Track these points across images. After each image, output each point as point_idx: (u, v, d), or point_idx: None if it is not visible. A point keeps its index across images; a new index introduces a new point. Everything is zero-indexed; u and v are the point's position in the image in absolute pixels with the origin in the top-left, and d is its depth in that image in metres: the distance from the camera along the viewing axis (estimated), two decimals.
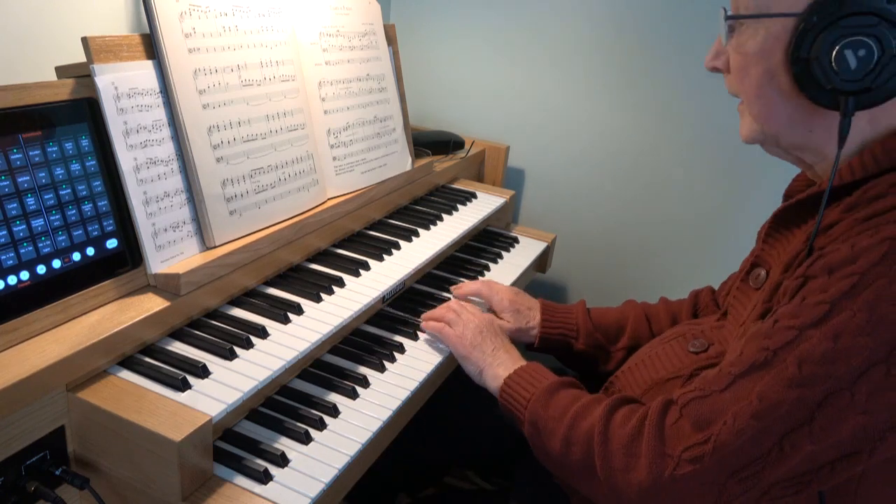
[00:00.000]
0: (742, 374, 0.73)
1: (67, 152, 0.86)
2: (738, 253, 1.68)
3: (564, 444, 0.85)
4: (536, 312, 1.20)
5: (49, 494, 0.78)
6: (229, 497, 0.81)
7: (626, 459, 0.78)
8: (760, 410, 0.70)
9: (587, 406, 0.86)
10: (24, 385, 0.74)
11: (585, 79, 1.75)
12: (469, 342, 1.06)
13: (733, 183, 1.67)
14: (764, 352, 0.72)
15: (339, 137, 1.29)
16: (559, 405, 0.88)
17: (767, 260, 0.88)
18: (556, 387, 0.92)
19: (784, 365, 0.70)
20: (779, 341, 0.71)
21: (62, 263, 0.85)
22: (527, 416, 0.91)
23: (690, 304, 1.18)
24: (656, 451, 0.75)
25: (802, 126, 0.79)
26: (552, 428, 0.87)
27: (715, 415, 0.73)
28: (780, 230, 0.87)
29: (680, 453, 0.74)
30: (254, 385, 0.87)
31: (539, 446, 0.90)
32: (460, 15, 1.84)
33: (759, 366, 0.72)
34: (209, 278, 0.99)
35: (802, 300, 0.72)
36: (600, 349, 1.17)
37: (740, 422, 0.71)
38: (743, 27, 0.79)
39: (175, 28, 0.98)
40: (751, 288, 0.89)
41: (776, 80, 0.78)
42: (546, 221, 1.89)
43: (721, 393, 0.74)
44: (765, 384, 0.71)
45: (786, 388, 0.69)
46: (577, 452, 0.83)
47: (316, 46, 1.25)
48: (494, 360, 1.02)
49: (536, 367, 0.97)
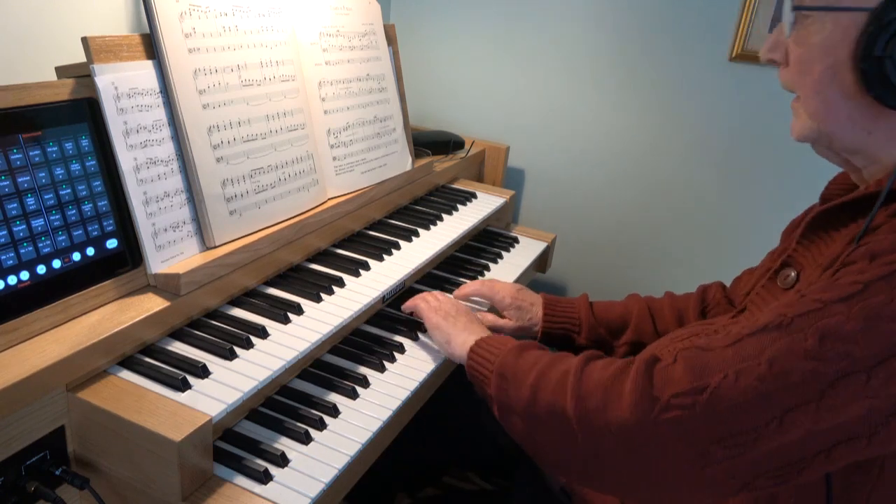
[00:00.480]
0: (751, 334, 0.70)
1: (67, 152, 0.86)
2: (739, 252, 1.69)
3: (532, 390, 0.82)
4: (539, 308, 1.20)
5: (49, 494, 0.78)
6: (229, 497, 0.81)
7: (604, 398, 0.75)
8: (768, 375, 0.67)
9: (561, 357, 0.85)
10: (24, 385, 0.74)
11: (586, 78, 1.75)
12: (443, 313, 1.08)
13: (734, 182, 1.67)
14: (780, 317, 0.69)
15: (339, 137, 1.29)
16: (530, 357, 0.87)
17: (800, 261, 0.85)
18: (528, 345, 0.91)
19: (802, 334, 0.67)
20: (799, 309, 0.69)
21: (62, 263, 0.85)
22: (495, 369, 0.89)
23: (698, 300, 1.16)
24: (642, 391, 0.72)
25: (861, 127, 0.76)
26: (521, 377, 0.85)
27: (715, 366, 0.70)
28: (818, 232, 0.84)
29: (669, 397, 0.71)
30: (254, 385, 0.87)
31: (504, 400, 0.87)
32: (460, 15, 1.84)
33: (773, 328, 0.69)
34: (209, 278, 0.99)
35: (835, 280, 0.69)
36: (603, 344, 1.16)
37: (744, 380, 0.68)
38: (808, 19, 0.75)
39: (175, 28, 0.98)
40: (779, 288, 0.86)
41: (839, 78, 0.74)
42: (546, 221, 1.89)
43: (725, 348, 0.71)
44: (777, 349, 0.68)
45: (801, 358, 0.66)
46: (546, 396, 0.80)
47: (316, 46, 1.25)
48: (465, 329, 1.03)
49: (505, 336, 0.97)
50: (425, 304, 1.12)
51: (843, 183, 0.90)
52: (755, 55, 1.54)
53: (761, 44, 1.52)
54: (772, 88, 1.55)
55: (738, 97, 1.60)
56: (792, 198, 1.61)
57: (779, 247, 1.02)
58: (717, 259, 1.73)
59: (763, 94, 1.57)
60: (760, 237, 1.67)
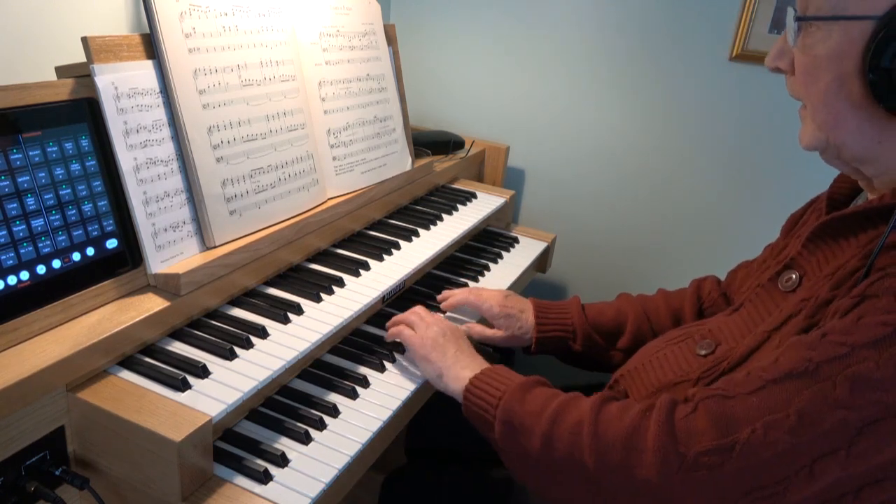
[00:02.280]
0: (776, 381, 0.68)
1: (67, 152, 0.86)
2: (739, 251, 1.68)
3: (545, 441, 0.79)
4: (529, 314, 1.15)
5: (49, 494, 0.78)
6: (229, 497, 0.81)
7: (625, 454, 0.73)
8: (798, 427, 0.65)
9: (570, 401, 0.81)
10: (24, 385, 0.74)
11: (586, 79, 1.75)
12: (430, 343, 1.01)
13: (734, 182, 1.67)
14: (805, 362, 0.67)
15: (339, 137, 1.29)
16: (536, 401, 0.83)
17: (804, 266, 0.82)
18: (531, 384, 0.87)
19: (830, 382, 0.65)
20: (825, 354, 0.66)
21: (62, 263, 0.85)
22: (498, 415, 0.85)
23: (693, 296, 1.14)
24: (666, 447, 0.70)
25: (870, 137, 0.74)
26: (530, 424, 0.81)
27: (741, 419, 0.68)
28: (826, 238, 0.81)
29: (696, 454, 0.68)
30: (254, 385, 0.87)
31: (513, 448, 0.84)
32: (460, 15, 1.84)
33: (798, 375, 0.67)
34: (209, 278, 0.99)
35: (859, 318, 0.67)
36: (598, 350, 1.14)
37: (773, 434, 0.66)
38: (813, 28, 0.73)
39: (175, 28, 0.97)
40: (778, 290, 0.84)
41: (847, 87, 0.72)
42: (546, 221, 1.89)
43: (748, 396, 0.69)
44: (806, 399, 0.66)
45: (831, 407, 0.64)
46: (562, 449, 0.77)
47: (316, 46, 1.25)
48: (456, 362, 0.97)
49: (502, 369, 0.92)
50: (410, 332, 1.05)
51: (847, 183, 0.88)
52: (755, 55, 1.54)
53: (761, 44, 1.54)
54: (772, 88, 1.56)
55: (738, 97, 1.60)
56: (792, 198, 1.60)
57: (778, 242, 1.00)
58: (717, 258, 1.73)
59: (763, 95, 1.57)
60: (760, 237, 1.66)
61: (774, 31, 1.51)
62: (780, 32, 1.51)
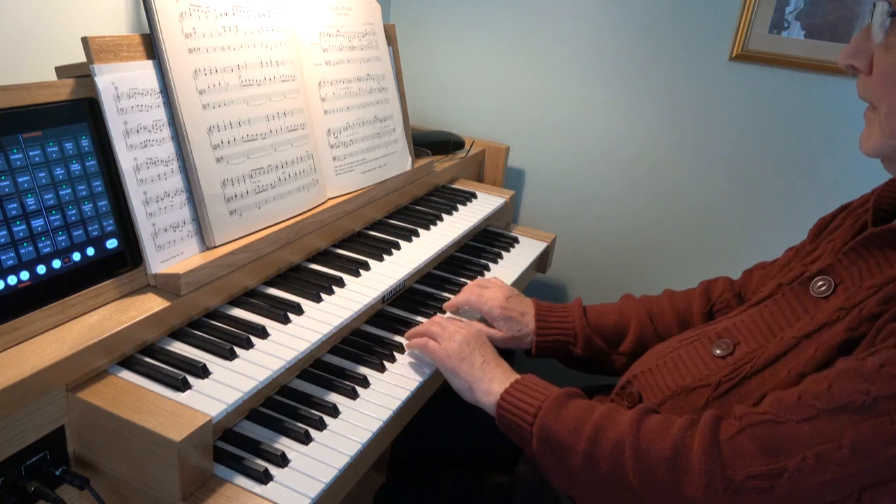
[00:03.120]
0: (830, 412, 0.67)
1: (67, 152, 0.86)
2: (739, 251, 1.69)
3: (587, 458, 0.79)
4: (531, 317, 1.14)
5: (49, 494, 0.78)
6: (229, 497, 0.81)
7: (671, 474, 0.72)
8: (850, 459, 0.65)
9: (607, 416, 0.80)
10: (24, 385, 0.74)
11: (585, 78, 1.75)
12: (456, 355, 0.99)
13: (734, 182, 1.67)
14: (862, 395, 0.66)
15: (339, 137, 1.29)
16: (573, 417, 0.82)
17: (842, 274, 0.80)
18: (564, 398, 0.86)
19: (888, 418, 0.65)
20: (883, 390, 0.65)
21: (62, 263, 0.85)
22: (535, 432, 0.84)
23: (702, 298, 1.12)
24: (713, 469, 0.70)
25: None
26: (570, 443, 0.81)
27: (792, 446, 0.68)
28: (871, 249, 0.78)
29: (744, 478, 0.68)
30: (254, 385, 0.87)
31: (553, 464, 0.83)
32: (461, 15, 1.84)
33: (854, 409, 0.66)
34: (209, 278, 0.99)
35: None
36: (600, 354, 1.13)
37: (823, 465, 0.66)
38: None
39: (175, 28, 0.98)
40: (809, 295, 0.82)
41: None
42: (546, 221, 1.89)
43: (800, 424, 0.68)
44: (860, 434, 0.65)
45: (886, 443, 0.64)
46: (605, 467, 0.77)
47: (316, 46, 1.25)
48: (485, 374, 0.96)
49: (533, 380, 0.92)
50: (434, 344, 1.04)
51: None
52: (755, 55, 1.54)
53: (761, 44, 1.54)
54: (772, 89, 1.56)
55: (738, 97, 1.60)
56: (792, 198, 1.61)
57: (804, 245, 0.97)
58: (717, 258, 1.73)
59: (763, 95, 1.57)
60: (760, 236, 1.67)
61: (774, 31, 1.51)
62: (780, 33, 1.51)
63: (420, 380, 1.05)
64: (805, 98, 1.52)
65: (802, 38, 1.50)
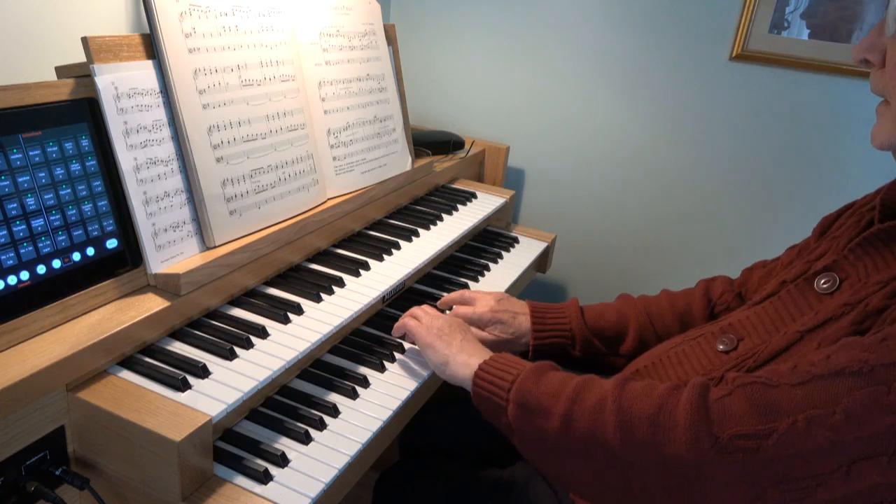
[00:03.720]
0: (825, 376, 0.66)
1: (67, 152, 0.86)
2: (739, 251, 1.69)
3: (565, 420, 0.77)
4: (525, 318, 1.12)
5: (49, 494, 0.78)
6: (229, 497, 0.81)
7: (653, 430, 0.71)
8: (842, 426, 0.64)
9: (589, 381, 0.79)
10: (24, 385, 0.74)
11: (586, 79, 1.75)
12: (435, 331, 1.00)
13: (734, 182, 1.67)
14: (860, 363, 0.65)
15: (339, 137, 1.29)
16: (553, 382, 0.81)
17: (847, 270, 0.80)
18: (545, 367, 0.85)
19: (885, 387, 0.64)
20: (883, 358, 0.65)
21: (62, 263, 0.85)
22: (512, 397, 0.83)
23: (703, 298, 1.11)
24: (699, 426, 0.68)
25: None
26: (548, 405, 0.79)
27: (783, 408, 0.67)
28: (878, 245, 0.78)
29: (731, 436, 0.67)
30: (254, 385, 0.87)
31: (528, 431, 0.82)
32: (460, 15, 1.84)
33: (851, 374, 0.65)
34: (209, 278, 0.99)
35: None
36: (598, 356, 1.12)
37: (815, 429, 0.65)
38: None
39: (175, 28, 0.98)
40: (814, 291, 0.82)
41: None
42: (546, 221, 1.90)
43: (794, 387, 0.67)
44: (855, 400, 0.64)
45: (881, 412, 0.63)
46: (583, 428, 0.76)
47: (316, 46, 1.25)
48: (462, 349, 0.96)
49: (510, 356, 0.91)
50: (415, 322, 1.04)
51: None
52: (755, 55, 1.54)
53: (761, 44, 1.54)
54: (772, 89, 1.56)
55: (738, 97, 1.60)
56: (792, 197, 1.61)
57: (808, 243, 0.97)
58: (717, 257, 1.73)
59: (763, 95, 1.57)
60: (761, 236, 1.67)
61: (774, 31, 1.51)
62: (780, 33, 1.51)
63: (420, 380, 1.05)
64: (805, 98, 1.52)
65: (803, 38, 1.50)
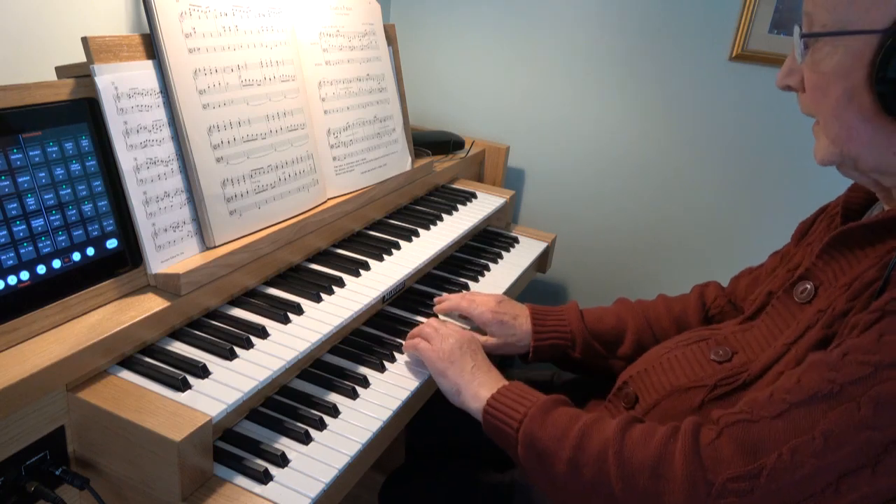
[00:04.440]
0: (800, 404, 0.69)
1: (67, 152, 0.86)
2: (739, 251, 1.69)
3: (571, 466, 0.79)
4: (525, 320, 1.13)
5: (49, 494, 0.78)
6: (229, 497, 0.81)
7: (653, 481, 0.73)
8: (824, 449, 0.66)
9: (592, 424, 0.81)
10: (24, 385, 0.74)
11: (586, 79, 1.75)
12: (447, 358, 0.99)
13: (734, 182, 1.67)
14: (829, 384, 0.68)
15: (339, 137, 1.29)
16: (558, 424, 0.83)
17: (819, 276, 0.83)
18: (550, 405, 0.86)
19: (855, 404, 0.66)
20: (848, 375, 0.67)
21: (62, 263, 0.85)
22: (521, 439, 0.85)
23: (697, 305, 1.13)
24: (695, 475, 0.71)
25: (885, 148, 0.74)
26: (554, 450, 0.81)
27: (767, 444, 0.69)
28: (841, 249, 0.81)
29: (724, 481, 0.69)
30: (254, 385, 0.87)
31: (538, 470, 0.84)
32: (460, 15, 1.84)
33: (823, 398, 0.68)
34: (209, 278, 0.99)
35: (880, 336, 0.67)
36: (597, 358, 1.12)
37: (799, 458, 0.67)
38: (819, 44, 0.74)
39: (175, 28, 0.98)
40: (795, 302, 0.84)
41: (856, 101, 0.72)
42: (546, 221, 1.89)
43: (773, 420, 0.70)
44: (831, 422, 0.67)
45: (856, 429, 0.65)
46: (588, 475, 0.78)
47: (316, 46, 1.25)
48: (474, 378, 0.96)
49: (521, 387, 0.91)
50: (426, 345, 1.04)
51: (863, 191, 0.87)
52: (755, 55, 1.54)
53: (761, 44, 1.54)
54: (772, 89, 1.55)
55: (738, 97, 1.60)
56: (793, 198, 1.61)
57: (788, 250, 0.99)
58: (716, 258, 1.73)
59: (763, 95, 1.57)
60: (761, 237, 1.67)
61: (774, 31, 1.51)
62: (780, 33, 1.51)
63: (420, 380, 1.05)
64: None
65: None
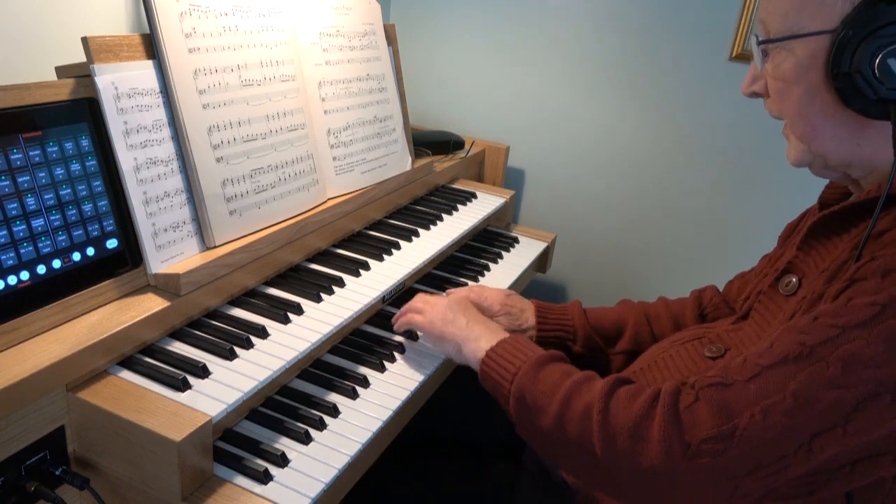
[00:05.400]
0: (771, 366, 0.71)
1: (67, 152, 0.86)
2: (739, 252, 1.69)
3: (557, 421, 0.81)
4: (530, 314, 1.16)
5: (49, 494, 0.78)
6: (229, 497, 0.81)
7: (631, 442, 0.75)
8: (794, 408, 0.68)
9: (581, 382, 0.83)
10: (24, 385, 0.74)
11: (586, 79, 1.75)
12: (440, 320, 1.03)
13: (734, 183, 1.67)
14: (799, 346, 0.70)
15: (339, 137, 1.29)
16: (549, 379, 0.85)
17: (801, 268, 0.85)
18: (545, 360, 0.88)
19: (824, 363, 0.68)
20: (817, 337, 0.69)
21: (62, 263, 0.85)
22: (513, 390, 0.87)
23: (694, 305, 1.16)
24: (672, 437, 0.72)
25: (849, 141, 0.77)
26: (543, 404, 0.83)
27: (740, 405, 0.71)
28: (819, 238, 0.84)
29: (699, 442, 0.71)
30: (254, 385, 0.87)
31: (526, 422, 0.86)
32: (461, 15, 1.84)
33: (793, 359, 0.69)
34: (209, 278, 0.99)
35: (848, 300, 0.69)
36: (598, 352, 1.15)
37: (771, 418, 0.68)
38: (776, 50, 0.78)
39: (175, 28, 0.98)
40: (781, 295, 0.86)
41: (818, 99, 0.76)
42: (546, 221, 1.89)
43: (746, 383, 0.71)
44: (801, 382, 0.68)
45: (825, 387, 0.67)
46: (573, 431, 0.80)
47: (316, 46, 1.25)
48: (471, 333, 0.98)
49: (520, 339, 0.93)
50: (420, 317, 1.07)
51: (838, 188, 0.90)
52: None
53: None
54: None
55: (739, 97, 1.59)
56: (792, 199, 1.61)
57: (775, 251, 1.02)
58: (716, 259, 1.73)
59: None
60: (760, 237, 1.67)
61: None
62: None
63: (420, 379, 1.05)
64: None
65: None
